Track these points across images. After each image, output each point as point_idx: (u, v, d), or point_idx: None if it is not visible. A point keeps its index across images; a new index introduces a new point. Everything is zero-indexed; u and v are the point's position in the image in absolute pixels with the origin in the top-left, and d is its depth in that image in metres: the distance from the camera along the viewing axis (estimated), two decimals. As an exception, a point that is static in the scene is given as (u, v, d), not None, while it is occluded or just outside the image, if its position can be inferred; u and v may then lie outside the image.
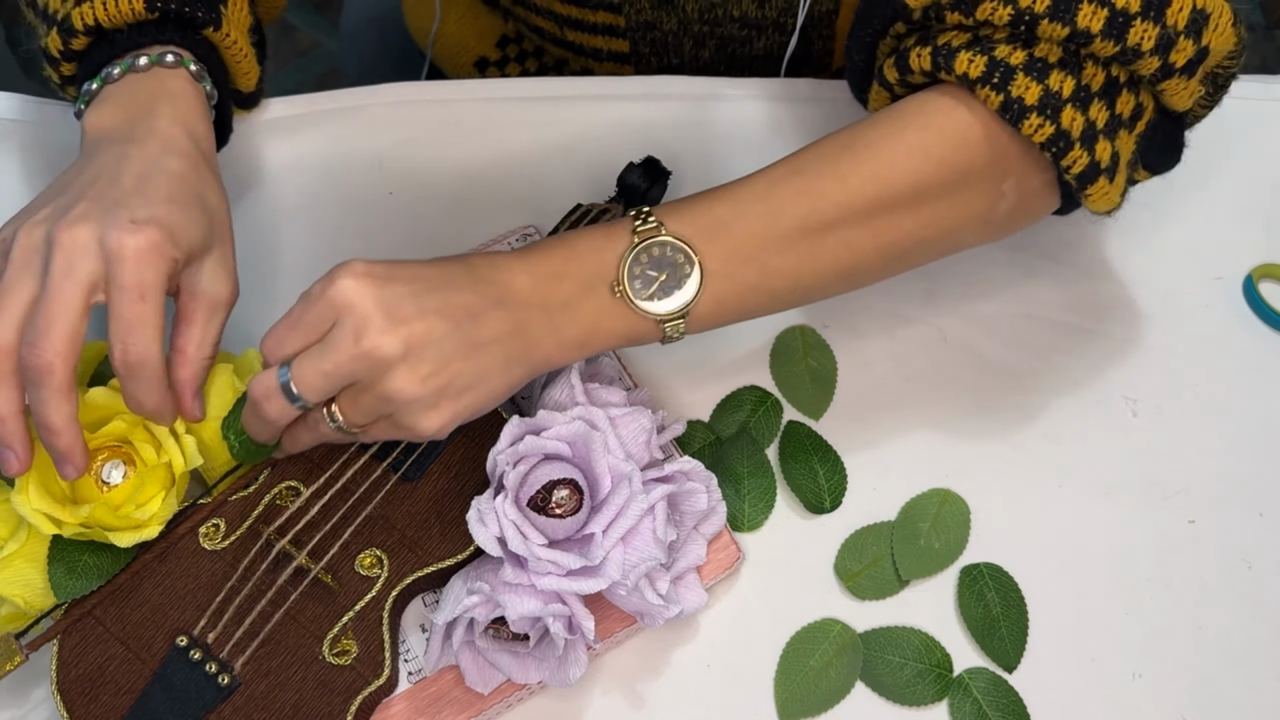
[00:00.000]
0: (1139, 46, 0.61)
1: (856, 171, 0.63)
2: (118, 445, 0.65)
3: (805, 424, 0.73)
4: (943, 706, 0.65)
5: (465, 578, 0.64)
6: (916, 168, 0.63)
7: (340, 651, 0.63)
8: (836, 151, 0.64)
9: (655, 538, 0.62)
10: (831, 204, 0.62)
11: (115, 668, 0.63)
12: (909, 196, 0.63)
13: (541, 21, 0.92)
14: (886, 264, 0.66)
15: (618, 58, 0.92)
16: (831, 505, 0.70)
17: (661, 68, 0.92)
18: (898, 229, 0.64)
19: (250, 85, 0.77)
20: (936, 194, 0.63)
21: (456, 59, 1.02)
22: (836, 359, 0.75)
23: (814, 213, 0.62)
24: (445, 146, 0.86)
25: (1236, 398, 0.74)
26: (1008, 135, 0.63)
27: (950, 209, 0.64)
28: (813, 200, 0.62)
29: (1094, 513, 0.70)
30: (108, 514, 0.62)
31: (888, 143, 0.63)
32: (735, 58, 0.91)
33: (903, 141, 0.63)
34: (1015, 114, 0.61)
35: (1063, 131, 0.61)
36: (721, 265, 0.62)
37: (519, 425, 0.64)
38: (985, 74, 0.62)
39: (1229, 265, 0.78)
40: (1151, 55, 0.61)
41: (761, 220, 0.62)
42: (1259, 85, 0.86)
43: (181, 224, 0.62)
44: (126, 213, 0.61)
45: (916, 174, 0.63)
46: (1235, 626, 0.67)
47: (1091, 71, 0.62)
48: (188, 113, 0.69)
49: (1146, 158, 0.68)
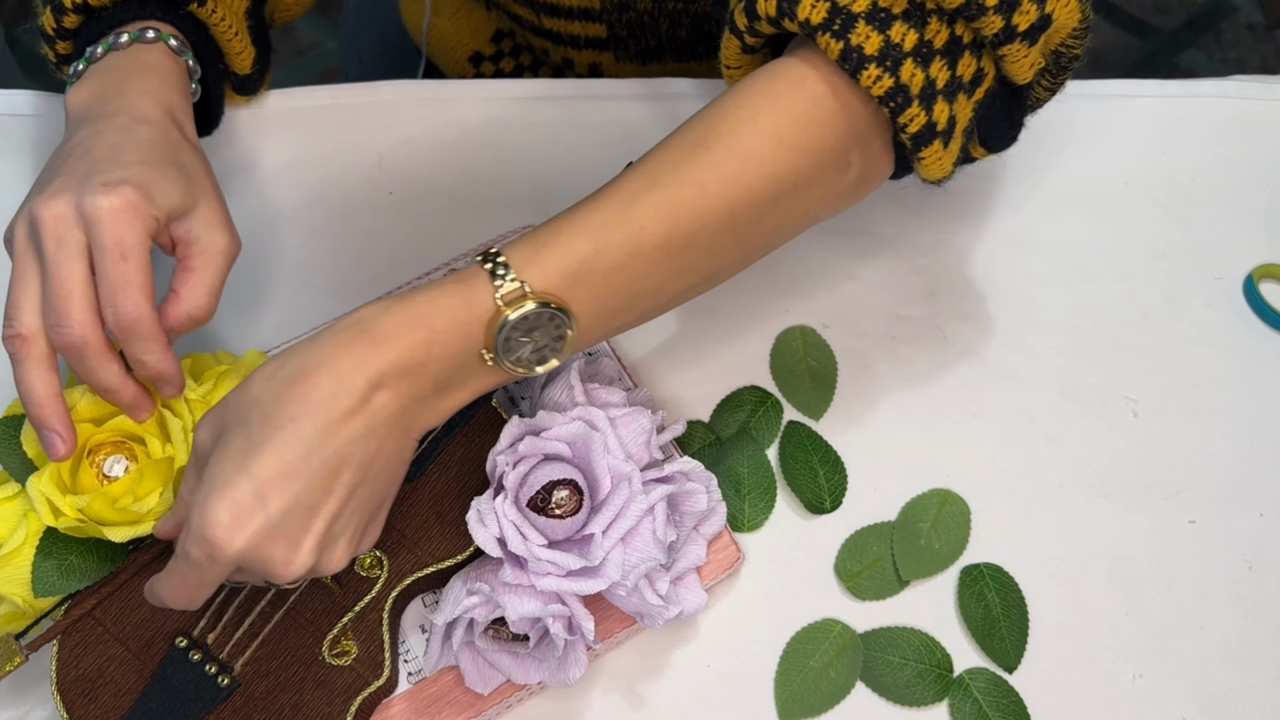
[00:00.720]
0: (983, 1, 0.59)
1: (714, 174, 0.59)
2: (121, 440, 0.65)
3: (805, 424, 0.73)
4: (943, 707, 0.65)
5: (465, 578, 0.64)
6: (772, 156, 0.60)
7: (340, 652, 0.63)
8: (690, 151, 0.60)
9: (655, 538, 0.62)
10: (693, 215, 0.59)
11: (115, 668, 0.63)
12: (768, 193, 0.60)
13: (520, 9, 0.93)
14: (748, 258, 0.64)
15: (596, 44, 0.92)
16: (832, 505, 0.70)
17: (640, 51, 0.92)
18: (759, 225, 0.62)
19: (244, 67, 0.78)
20: (793, 183, 0.61)
21: (452, 54, 1.03)
22: (836, 359, 0.75)
23: (676, 228, 0.59)
24: (445, 146, 0.86)
25: (1236, 398, 0.74)
26: (852, 98, 0.61)
27: (807, 195, 0.62)
28: (674, 215, 0.59)
29: (1094, 513, 0.70)
30: (105, 506, 0.63)
31: (741, 135, 0.60)
32: (712, 36, 0.91)
33: (755, 129, 0.60)
34: (854, 64, 0.59)
35: (901, 85, 0.59)
36: (589, 306, 0.58)
37: (519, 426, 0.64)
38: (826, 20, 0.59)
39: (1229, 265, 0.78)
40: (995, 13, 0.59)
41: (624, 249, 0.58)
42: (1259, 85, 0.86)
43: (155, 181, 0.63)
44: (98, 178, 0.62)
45: (773, 165, 0.60)
46: (1235, 626, 0.67)
47: (935, 28, 0.60)
48: (160, 84, 0.69)
49: (984, 131, 0.67)
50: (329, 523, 0.55)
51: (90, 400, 0.65)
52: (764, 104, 0.60)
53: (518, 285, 0.56)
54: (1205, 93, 0.86)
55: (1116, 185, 0.82)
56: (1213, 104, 0.86)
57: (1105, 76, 0.87)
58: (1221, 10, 2.15)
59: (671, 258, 0.60)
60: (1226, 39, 2.12)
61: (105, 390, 0.63)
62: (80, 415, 0.65)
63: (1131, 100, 0.86)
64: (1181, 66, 2.08)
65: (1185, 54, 2.10)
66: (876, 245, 0.80)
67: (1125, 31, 2.13)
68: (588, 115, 0.86)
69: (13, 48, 1.83)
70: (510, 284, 0.56)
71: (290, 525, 0.54)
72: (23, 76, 1.64)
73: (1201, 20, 2.14)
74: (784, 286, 0.78)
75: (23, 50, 2.05)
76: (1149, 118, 0.85)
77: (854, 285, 0.78)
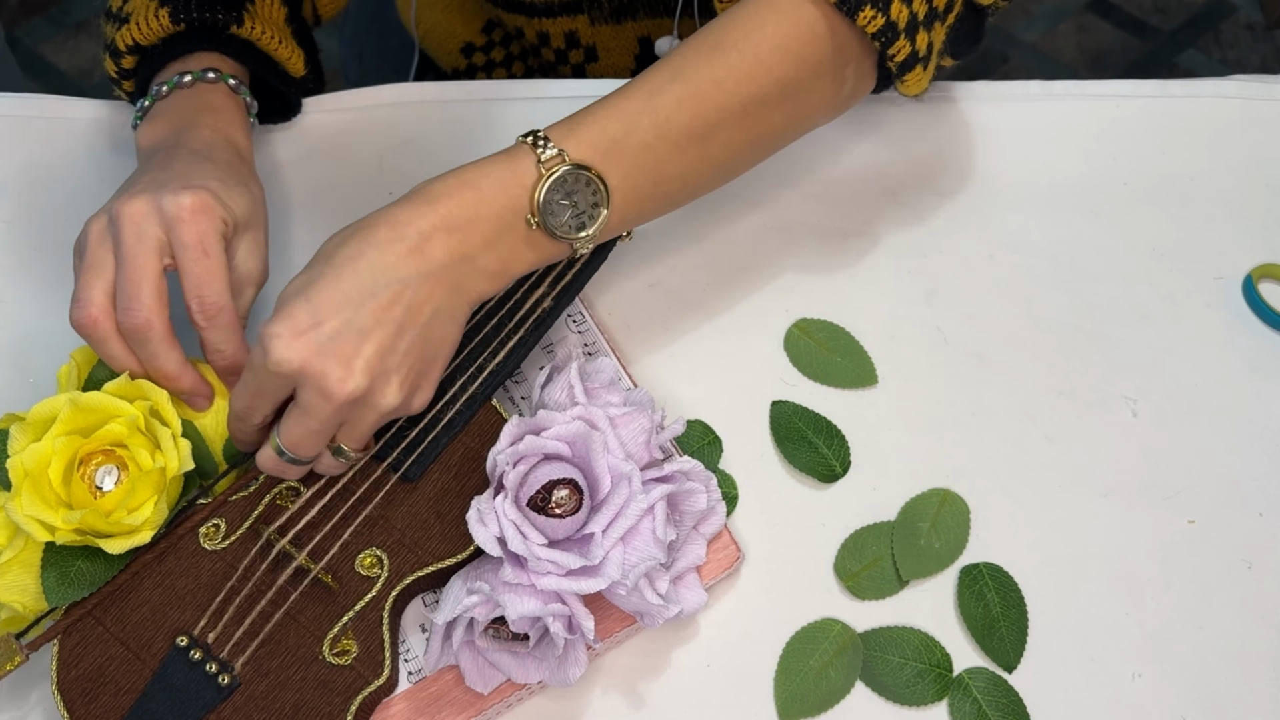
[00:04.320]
0: None
1: (731, 74, 0.67)
2: (111, 450, 0.64)
3: (790, 402, 0.74)
4: (943, 706, 0.65)
5: (465, 578, 0.64)
6: (779, 63, 0.68)
7: (340, 651, 0.63)
8: (708, 53, 0.67)
9: (655, 538, 0.62)
10: (712, 108, 0.67)
11: (115, 668, 0.63)
12: (777, 93, 0.68)
13: None
14: (756, 155, 0.71)
15: (570, 8, 0.94)
16: (843, 469, 0.71)
17: (614, 9, 0.93)
18: (768, 123, 0.69)
19: (298, 69, 0.83)
20: (796, 87, 0.69)
21: (445, 46, 1.04)
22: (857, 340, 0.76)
23: (697, 118, 0.66)
24: (445, 146, 0.86)
25: (1236, 398, 0.74)
26: (845, 25, 0.69)
27: (809, 99, 0.70)
28: (695, 106, 0.66)
29: (1094, 513, 0.70)
30: (99, 519, 0.62)
31: (754, 40, 0.67)
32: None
33: (765, 39, 0.67)
34: (851, 6, 0.67)
35: (891, 23, 0.68)
36: (622, 181, 0.65)
37: (519, 425, 0.64)
38: None
39: (1229, 265, 0.78)
40: None
41: (651, 132, 0.65)
42: (1259, 85, 0.86)
43: (229, 192, 0.68)
44: (178, 183, 0.67)
45: (780, 70, 0.68)
46: (1235, 626, 0.67)
47: None
48: (228, 124, 0.75)
49: (952, 47, 0.76)
50: (380, 352, 0.60)
51: (77, 409, 0.64)
52: (771, 17, 0.68)
53: (557, 152, 0.63)
54: (1205, 93, 0.86)
55: (1116, 185, 0.82)
56: (1213, 104, 0.86)
57: (1105, 76, 0.88)
58: (1221, 10, 2.15)
59: (694, 145, 0.67)
60: (1226, 39, 2.12)
61: (166, 377, 0.66)
62: (68, 426, 0.64)
63: (1131, 100, 0.86)
64: (1181, 66, 2.08)
65: (1185, 54, 2.10)
66: (876, 245, 0.80)
67: (1125, 31, 2.13)
68: (588, 115, 0.86)
69: (13, 48, 1.83)
70: (550, 151, 0.63)
71: (342, 345, 0.59)
72: (23, 77, 1.64)
73: (1201, 20, 2.14)
74: (784, 286, 0.78)
75: (23, 51, 2.06)
76: (1149, 118, 0.85)
77: (854, 285, 0.78)
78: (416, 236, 0.61)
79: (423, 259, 0.61)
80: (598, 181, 0.64)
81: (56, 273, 0.81)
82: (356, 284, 0.60)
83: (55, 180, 0.86)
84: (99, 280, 0.65)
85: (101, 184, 0.85)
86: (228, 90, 0.77)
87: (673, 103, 0.66)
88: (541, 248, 0.64)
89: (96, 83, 2.10)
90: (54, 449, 0.64)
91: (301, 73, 0.83)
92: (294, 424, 0.61)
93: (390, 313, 0.60)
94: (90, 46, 2.16)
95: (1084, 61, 2.08)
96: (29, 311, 0.80)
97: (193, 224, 0.65)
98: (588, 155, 0.64)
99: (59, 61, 2.13)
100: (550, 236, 0.64)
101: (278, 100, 0.85)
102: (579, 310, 0.76)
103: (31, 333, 0.79)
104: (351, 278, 0.60)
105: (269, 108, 0.85)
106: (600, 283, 0.79)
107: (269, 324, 0.59)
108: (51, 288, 0.81)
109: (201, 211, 0.65)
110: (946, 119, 0.85)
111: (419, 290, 0.61)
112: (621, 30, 0.96)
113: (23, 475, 0.63)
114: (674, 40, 0.93)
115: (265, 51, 0.80)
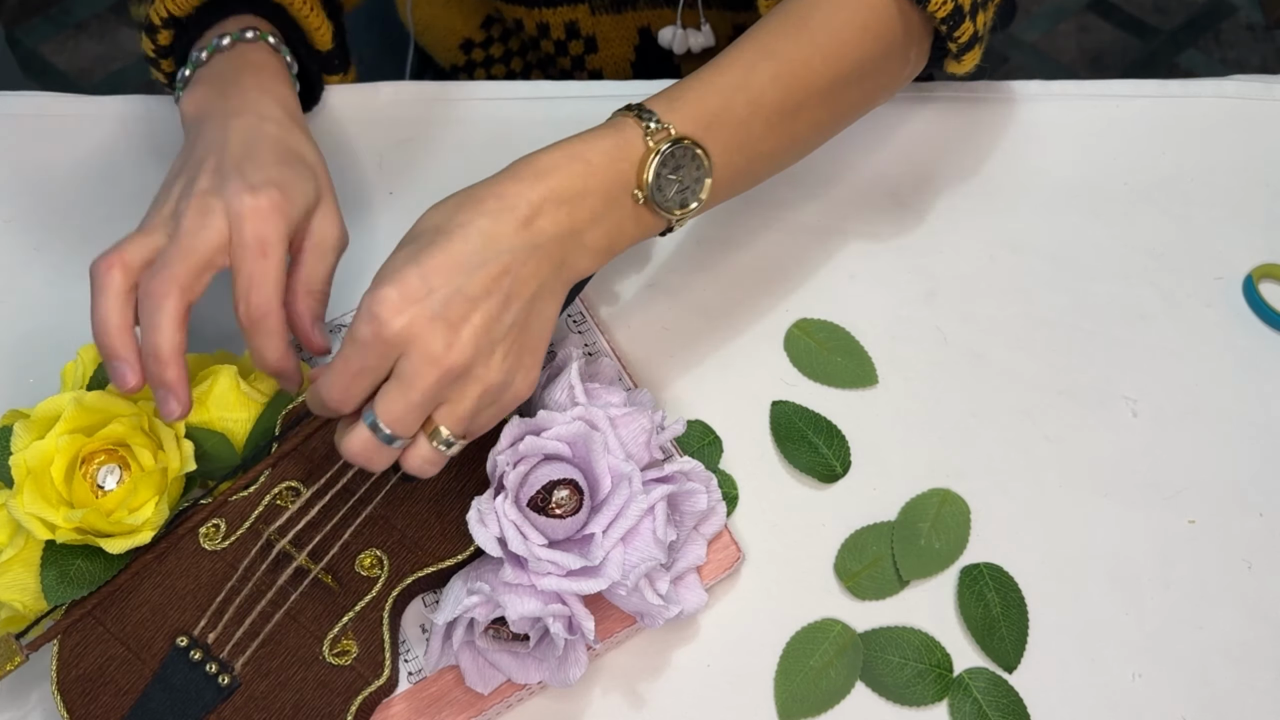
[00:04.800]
0: None
1: (818, 53, 0.68)
2: (113, 449, 0.64)
3: (790, 402, 0.73)
4: (943, 706, 0.65)
5: (465, 578, 0.64)
6: (859, 43, 0.70)
7: (340, 652, 0.63)
8: (795, 32, 0.68)
9: (655, 538, 0.62)
10: (801, 86, 0.68)
11: (115, 668, 0.63)
12: (856, 73, 0.70)
13: None
14: (831, 133, 0.73)
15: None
16: (843, 469, 0.71)
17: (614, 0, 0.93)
18: (846, 102, 0.72)
19: (325, 42, 0.82)
20: (872, 67, 0.71)
21: (444, 42, 1.04)
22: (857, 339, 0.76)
23: (788, 97, 0.67)
24: (445, 146, 0.86)
25: (1236, 398, 0.74)
26: (913, 8, 0.72)
27: (879, 78, 0.73)
28: (786, 84, 0.67)
29: (1094, 513, 0.70)
30: (100, 519, 0.62)
31: (838, 21, 0.69)
32: None
33: (849, 21, 0.69)
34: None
35: (959, 7, 0.72)
36: (720, 156, 0.65)
37: (519, 425, 0.64)
38: None
39: (1229, 265, 0.78)
40: None
41: (747, 109, 0.66)
42: (1259, 85, 0.86)
43: (293, 182, 0.66)
44: (242, 180, 0.65)
45: (861, 50, 0.70)
46: (1235, 626, 0.67)
47: None
48: (272, 80, 0.73)
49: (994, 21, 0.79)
50: (487, 321, 0.58)
51: (81, 408, 0.64)
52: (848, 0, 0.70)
53: (664, 127, 0.63)
54: (1205, 93, 0.86)
55: (1116, 185, 0.82)
56: (1213, 104, 0.86)
57: (1105, 76, 0.88)
58: (1221, 10, 2.15)
59: (784, 122, 0.68)
60: (1226, 39, 2.12)
61: (155, 355, 0.62)
62: (71, 424, 0.64)
63: (1131, 100, 0.86)
64: (1181, 66, 2.08)
65: (1185, 54, 2.10)
66: (876, 245, 0.80)
67: (1125, 31, 2.13)
68: (588, 115, 0.85)
69: (13, 48, 1.83)
70: (657, 125, 0.63)
71: (451, 311, 0.57)
72: (23, 76, 1.64)
73: (1201, 20, 2.14)
74: (784, 286, 0.78)
75: (23, 50, 2.06)
76: (1149, 118, 0.85)
77: (854, 285, 0.78)
78: (526, 208, 0.59)
79: (532, 232, 0.59)
80: (703, 156, 0.64)
81: (57, 272, 0.81)
82: (467, 251, 0.58)
83: (55, 180, 0.86)
84: (142, 241, 0.63)
85: (102, 183, 0.85)
86: (269, 48, 0.75)
87: (766, 80, 0.66)
88: (645, 223, 0.64)
89: (97, 83, 2.10)
90: (57, 447, 0.64)
91: (329, 46, 0.82)
92: (394, 396, 0.57)
93: (500, 282, 0.58)
94: (90, 46, 2.16)
95: (1084, 61, 2.08)
96: (30, 311, 0.80)
97: (255, 224, 0.63)
98: (691, 129, 0.64)
99: (59, 61, 2.13)
100: (655, 211, 0.63)
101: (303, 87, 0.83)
102: (579, 310, 0.76)
103: (32, 332, 0.79)
104: (462, 244, 0.58)
105: None
106: (600, 283, 0.79)
107: (376, 289, 0.57)
108: (52, 287, 0.81)
109: (266, 212, 0.64)
110: (947, 119, 0.85)
111: (527, 263, 0.59)
112: (622, 20, 0.96)
113: (25, 473, 0.63)
114: (677, 30, 0.93)
115: (295, 18, 0.79)
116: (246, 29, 0.75)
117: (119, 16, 2.20)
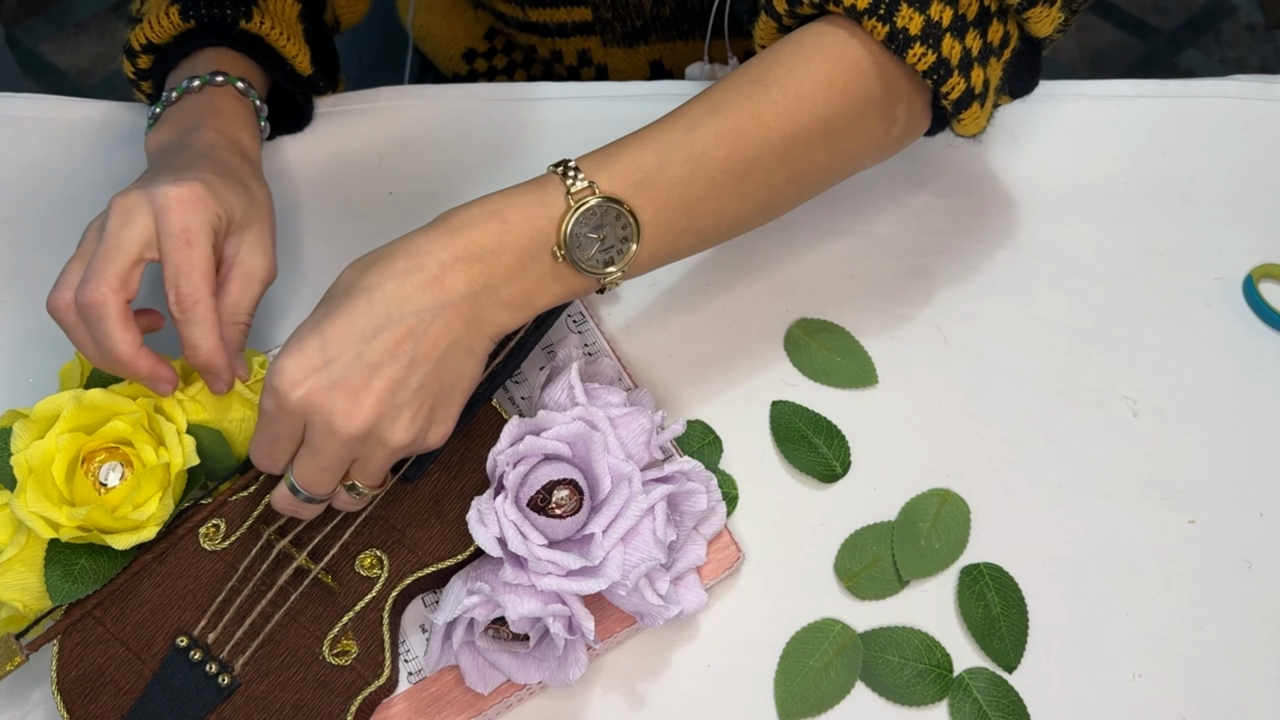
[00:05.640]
0: None
1: (771, 109, 0.64)
2: (115, 447, 0.65)
3: (790, 402, 0.73)
4: (943, 706, 0.65)
5: (465, 578, 0.64)
6: (824, 100, 0.65)
7: (340, 652, 0.63)
8: (749, 88, 0.64)
9: (655, 538, 0.62)
10: (750, 144, 0.64)
11: (115, 668, 0.63)
12: (820, 131, 0.65)
13: (504, 6, 0.93)
14: (800, 195, 0.68)
15: (583, 29, 0.93)
16: (843, 469, 0.71)
17: (627, 33, 0.93)
18: (810, 162, 0.66)
19: (305, 67, 0.83)
20: (842, 125, 0.66)
21: (446, 51, 1.04)
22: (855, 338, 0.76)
23: (735, 154, 0.64)
24: (445, 146, 0.86)
25: (1236, 398, 0.74)
26: (895, 64, 0.66)
27: (854, 138, 0.67)
28: (733, 142, 0.63)
29: (1094, 513, 0.70)
30: (105, 516, 0.62)
31: (796, 76, 0.65)
32: (695, 13, 0.91)
33: (809, 75, 0.65)
34: (900, 44, 0.64)
35: (943, 59, 0.65)
36: (653, 216, 0.63)
37: (519, 425, 0.64)
38: (872, 6, 0.64)
39: (1229, 265, 0.78)
40: None
41: (686, 166, 0.63)
42: (1259, 85, 0.86)
43: (222, 186, 0.67)
44: (171, 177, 0.66)
45: (825, 107, 0.65)
46: (1235, 626, 0.67)
47: (967, 2, 0.65)
48: (231, 125, 0.75)
49: (1010, 83, 0.72)
50: (391, 387, 0.58)
51: (81, 407, 0.64)
52: (816, 54, 0.65)
53: (587, 184, 0.61)
54: (1205, 93, 0.86)
55: (1116, 185, 0.82)
56: (1213, 104, 0.86)
57: (1105, 76, 0.88)
58: (1221, 10, 2.15)
59: (731, 182, 0.64)
60: (1226, 39, 2.12)
61: (119, 360, 0.64)
62: (72, 423, 0.64)
63: (1131, 100, 0.86)
64: (1181, 66, 2.08)
65: (1185, 54, 2.10)
66: (876, 245, 0.80)
67: (1125, 31, 2.13)
68: (588, 116, 0.86)
69: (13, 48, 1.83)
70: (580, 183, 0.61)
71: (351, 379, 0.57)
72: (23, 77, 1.64)
73: (1201, 20, 2.14)
74: (784, 286, 0.78)
75: (23, 50, 2.06)
76: (1149, 118, 0.85)
77: (854, 285, 0.78)
78: (436, 266, 0.59)
79: (441, 290, 0.59)
80: (628, 215, 0.61)
81: (56, 272, 0.81)
82: (370, 316, 0.58)
83: (55, 180, 0.86)
84: (80, 266, 0.65)
85: (101, 183, 0.85)
86: (236, 93, 0.77)
87: (710, 137, 0.63)
88: (567, 281, 0.62)
89: (96, 83, 2.11)
90: (58, 446, 0.64)
91: (308, 71, 0.83)
92: (305, 462, 0.59)
93: (403, 346, 0.58)
94: (90, 46, 2.16)
95: (1084, 61, 2.08)
96: (29, 311, 0.80)
97: (179, 213, 0.64)
98: (619, 188, 0.62)
99: (59, 61, 2.13)
100: (577, 270, 0.61)
101: (291, 108, 0.85)
102: (579, 310, 0.76)
103: (32, 332, 0.79)
104: (366, 310, 0.58)
105: (284, 117, 0.86)
106: (600, 283, 0.79)
107: (276, 360, 0.58)
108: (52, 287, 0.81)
109: (189, 201, 0.64)
110: (946, 119, 0.85)
111: (434, 323, 0.58)
112: (633, 54, 0.95)
113: (27, 472, 0.63)
114: (705, 65, 0.91)
115: (274, 48, 0.80)
116: (217, 72, 0.77)
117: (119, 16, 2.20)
